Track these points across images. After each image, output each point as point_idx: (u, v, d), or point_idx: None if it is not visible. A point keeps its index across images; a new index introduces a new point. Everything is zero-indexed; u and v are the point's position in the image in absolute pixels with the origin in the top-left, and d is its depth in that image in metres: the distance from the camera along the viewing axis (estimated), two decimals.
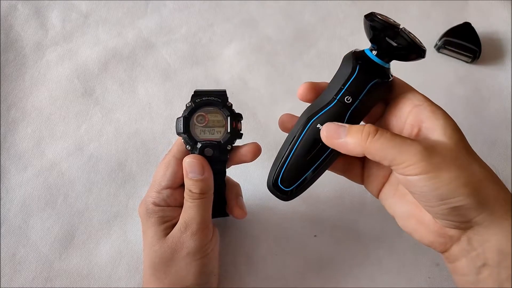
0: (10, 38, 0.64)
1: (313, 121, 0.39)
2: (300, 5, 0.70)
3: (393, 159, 0.34)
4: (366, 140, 0.35)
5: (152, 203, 0.44)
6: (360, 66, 0.38)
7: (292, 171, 0.40)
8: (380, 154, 0.35)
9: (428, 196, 0.34)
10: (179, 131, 0.45)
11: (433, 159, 0.33)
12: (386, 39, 0.37)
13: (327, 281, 0.53)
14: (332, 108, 0.39)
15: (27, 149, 0.58)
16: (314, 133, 0.39)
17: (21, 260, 0.52)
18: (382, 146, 0.35)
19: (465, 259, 0.36)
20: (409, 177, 0.34)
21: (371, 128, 0.35)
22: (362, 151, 0.36)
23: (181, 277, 0.43)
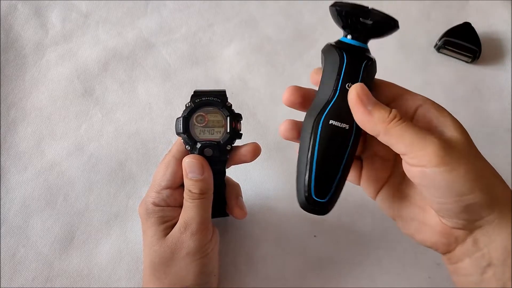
0: (10, 38, 0.64)
1: (323, 119, 0.37)
2: (300, 5, 0.70)
3: (411, 144, 0.33)
4: (391, 121, 0.34)
5: (152, 203, 0.44)
6: (345, 52, 0.37)
7: (322, 179, 0.37)
8: (399, 138, 0.34)
9: (443, 190, 0.33)
10: (178, 131, 0.45)
11: (452, 152, 0.33)
12: (361, 20, 0.37)
13: (327, 281, 0.53)
14: (338, 99, 0.37)
15: (27, 149, 0.58)
16: (331, 131, 0.37)
17: (21, 260, 0.52)
18: (403, 131, 0.34)
19: (468, 259, 0.36)
20: (426, 169, 0.33)
21: (397, 112, 0.34)
22: (382, 130, 0.34)
23: (181, 277, 0.43)
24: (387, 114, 0.34)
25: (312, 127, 0.37)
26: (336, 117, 0.37)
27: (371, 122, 0.35)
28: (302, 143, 0.38)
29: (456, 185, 0.33)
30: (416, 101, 0.37)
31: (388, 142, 0.35)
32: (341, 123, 0.37)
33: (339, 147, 0.37)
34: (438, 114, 0.36)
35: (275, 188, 0.57)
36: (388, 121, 0.34)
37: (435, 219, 0.37)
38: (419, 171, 0.34)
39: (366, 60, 0.38)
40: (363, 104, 0.35)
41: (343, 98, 0.37)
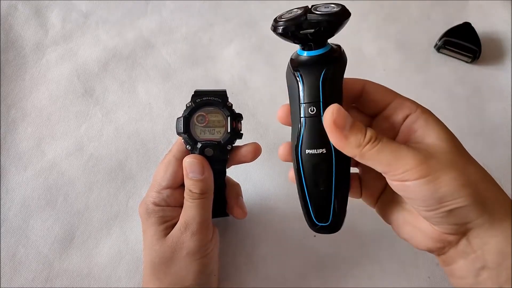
0: (10, 38, 0.64)
1: (300, 150, 0.37)
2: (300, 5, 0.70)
3: (388, 164, 0.34)
4: (365, 145, 0.34)
5: (152, 203, 0.44)
6: (301, 70, 0.36)
7: (318, 206, 0.38)
8: (375, 161, 0.34)
9: (428, 200, 0.34)
10: (179, 131, 0.45)
11: (430, 162, 0.33)
12: (302, 33, 0.35)
13: (327, 281, 0.53)
14: (306, 128, 0.36)
15: (27, 149, 0.58)
16: (310, 160, 0.37)
17: (21, 260, 0.52)
18: (378, 152, 0.34)
19: (463, 261, 0.36)
20: (407, 183, 0.33)
21: (372, 133, 0.34)
22: (357, 154, 0.34)
23: (181, 277, 0.43)
24: (362, 137, 0.34)
25: (294, 160, 0.38)
26: (310, 146, 0.37)
27: (347, 146, 0.35)
28: (295, 175, 0.39)
29: (439, 193, 0.33)
30: (404, 111, 0.37)
31: (366, 163, 0.35)
32: (317, 150, 0.37)
33: (323, 172, 0.37)
34: (424, 123, 0.36)
35: (275, 188, 0.57)
36: (363, 145, 0.34)
37: (426, 225, 0.37)
38: (401, 185, 0.34)
39: (326, 68, 0.36)
40: (339, 129, 0.34)
41: (311, 124, 0.36)
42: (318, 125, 0.36)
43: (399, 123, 0.37)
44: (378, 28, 0.69)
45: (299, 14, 0.35)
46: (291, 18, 0.35)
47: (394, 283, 0.53)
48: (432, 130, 0.35)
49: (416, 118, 0.36)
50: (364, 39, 0.68)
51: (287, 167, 0.58)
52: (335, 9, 0.36)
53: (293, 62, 0.37)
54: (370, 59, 0.66)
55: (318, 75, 0.36)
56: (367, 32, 0.69)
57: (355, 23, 0.69)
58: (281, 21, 0.36)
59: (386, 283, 0.53)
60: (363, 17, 0.70)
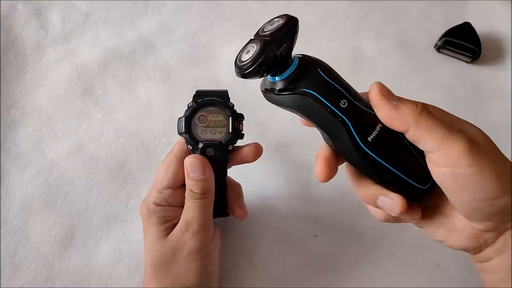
0: (10, 38, 0.64)
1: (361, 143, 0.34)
2: (300, 5, 0.70)
3: (442, 140, 0.32)
4: (421, 113, 0.32)
5: (153, 202, 0.44)
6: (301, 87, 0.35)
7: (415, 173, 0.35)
8: (430, 132, 0.32)
9: (477, 193, 0.32)
10: (180, 131, 0.45)
11: (480, 151, 0.31)
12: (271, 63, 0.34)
13: (327, 281, 0.53)
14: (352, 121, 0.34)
15: (27, 149, 0.58)
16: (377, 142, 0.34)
17: (21, 260, 0.52)
18: (435, 124, 0.32)
19: (498, 258, 0.35)
20: (457, 170, 0.32)
21: (425, 105, 0.33)
22: (413, 123, 0.32)
23: (181, 277, 0.43)
24: (415, 105, 0.33)
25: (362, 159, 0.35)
26: (367, 131, 0.34)
27: (399, 117, 0.33)
28: (373, 173, 0.36)
29: (489, 187, 0.31)
30: None
31: (418, 137, 0.33)
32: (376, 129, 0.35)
33: (394, 141, 0.35)
34: (453, 118, 0.35)
35: (275, 188, 0.57)
36: (418, 112, 0.33)
37: (462, 224, 0.36)
38: (450, 172, 0.32)
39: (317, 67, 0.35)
40: (388, 99, 0.33)
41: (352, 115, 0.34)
42: (358, 110, 0.34)
43: None
44: (378, 28, 0.69)
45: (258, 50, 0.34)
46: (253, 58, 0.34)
47: (394, 283, 0.53)
48: (467, 123, 0.35)
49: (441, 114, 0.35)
50: (364, 39, 0.68)
51: (287, 167, 0.58)
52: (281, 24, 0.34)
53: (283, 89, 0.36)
54: (370, 59, 0.66)
55: (319, 76, 0.34)
56: (367, 32, 0.69)
57: (355, 23, 0.69)
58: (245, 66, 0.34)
59: (386, 283, 0.53)
60: (363, 17, 0.70)
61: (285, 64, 0.35)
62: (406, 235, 0.55)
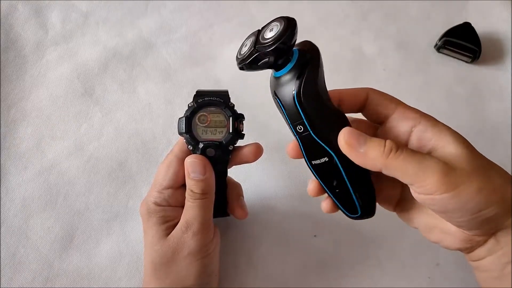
0: (10, 38, 0.64)
1: (308, 163, 0.39)
2: (300, 5, 0.70)
3: (414, 175, 0.33)
4: (388, 155, 0.34)
5: (153, 202, 0.44)
6: (277, 96, 0.37)
7: (345, 203, 0.40)
8: (401, 171, 0.34)
9: (458, 212, 0.34)
10: (181, 131, 0.45)
11: (454, 173, 0.32)
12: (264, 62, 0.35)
13: (327, 281, 0.53)
14: (303, 144, 0.38)
15: (27, 149, 0.58)
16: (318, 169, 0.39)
17: (21, 260, 0.52)
18: (404, 162, 0.33)
19: (490, 257, 0.36)
20: (435, 197, 0.33)
21: (392, 143, 0.34)
22: (381, 167, 0.34)
23: (182, 277, 0.43)
24: (382, 148, 0.34)
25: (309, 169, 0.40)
26: (312, 157, 0.39)
27: (369, 162, 0.35)
28: None
29: (469, 205, 0.33)
30: (409, 122, 0.37)
31: (390, 175, 0.35)
32: (320, 159, 0.38)
33: (334, 175, 0.39)
34: (435, 132, 0.36)
35: (275, 188, 0.57)
36: (385, 155, 0.34)
37: (454, 229, 0.37)
38: (429, 198, 0.34)
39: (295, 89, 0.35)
40: (355, 149, 0.35)
41: (305, 141, 0.38)
42: (311, 139, 0.37)
43: (405, 133, 0.37)
44: (378, 28, 0.69)
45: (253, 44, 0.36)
46: (249, 53, 0.36)
47: (394, 283, 0.53)
48: (447, 138, 0.35)
49: (425, 128, 0.36)
50: (364, 39, 0.68)
51: (287, 167, 0.58)
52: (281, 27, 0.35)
53: (271, 86, 0.38)
54: (370, 59, 0.67)
55: (290, 96, 0.36)
56: (367, 32, 0.69)
57: (355, 23, 0.69)
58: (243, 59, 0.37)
59: (386, 283, 0.53)
60: (363, 17, 0.70)
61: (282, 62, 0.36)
62: (406, 235, 0.54)
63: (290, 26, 0.34)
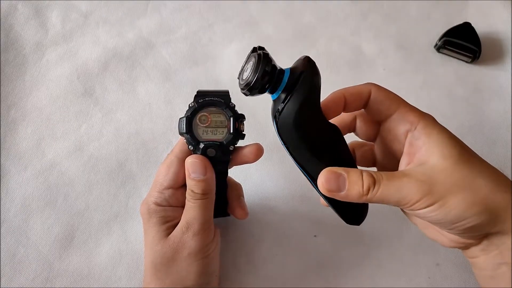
0: (10, 38, 0.64)
1: None
2: (300, 5, 0.70)
3: (397, 201, 0.35)
4: (367, 193, 0.36)
5: (153, 203, 0.44)
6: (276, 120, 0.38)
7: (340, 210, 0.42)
8: (383, 200, 0.36)
9: (442, 222, 0.35)
10: (181, 131, 0.45)
11: (435, 188, 0.34)
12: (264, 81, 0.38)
13: (327, 281, 0.53)
14: None
15: (27, 149, 0.58)
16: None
17: (21, 260, 0.52)
18: (383, 194, 0.35)
19: (485, 256, 0.38)
20: (419, 212, 0.35)
21: (369, 179, 0.36)
22: (365, 201, 0.36)
23: (182, 277, 0.43)
24: (361, 188, 0.36)
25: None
26: None
27: (351, 200, 0.37)
28: None
29: (450, 216, 0.34)
30: (406, 125, 0.38)
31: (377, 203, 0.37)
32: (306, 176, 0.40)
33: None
34: (426, 142, 0.37)
35: (275, 188, 0.57)
36: (365, 194, 0.36)
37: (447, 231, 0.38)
38: (415, 213, 0.36)
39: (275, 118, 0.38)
40: (336, 194, 0.37)
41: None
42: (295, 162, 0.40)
43: (402, 136, 0.39)
44: (378, 28, 0.69)
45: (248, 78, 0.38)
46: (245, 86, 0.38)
47: (394, 283, 0.53)
48: (436, 147, 0.36)
49: (419, 135, 0.37)
50: (364, 39, 0.68)
51: (287, 167, 0.58)
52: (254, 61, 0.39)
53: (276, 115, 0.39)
54: (370, 59, 0.67)
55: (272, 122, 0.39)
56: (367, 32, 0.69)
57: (355, 23, 0.69)
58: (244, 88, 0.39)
59: (386, 283, 0.53)
60: (363, 17, 0.70)
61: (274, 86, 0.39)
62: (406, 235, 0.55)
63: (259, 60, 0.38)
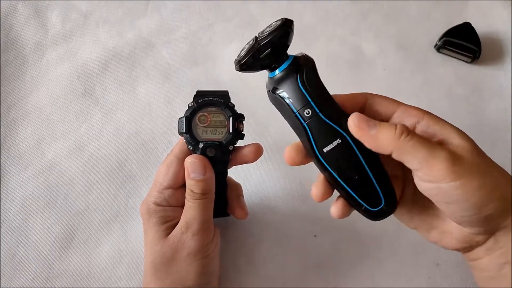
0: (10, 38, 0.64)
1: (318, 152, 0.37)
2: (300, 5, 0.70)
3: (424, 160, 0.33)
4: (399, 138, 0.34)
5: (153, 202, 0.44)
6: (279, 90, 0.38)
7: (366, 195, 0.37)
8: (411, 154, 0.34)
9: (461, 205, 0.34)
10: (181, 131, 0.45)
11: (462, 164, 0.33)
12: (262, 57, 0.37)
13: (327, 281, 0.53)
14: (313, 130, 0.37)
15: (27, 149, 0.58)
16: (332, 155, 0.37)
17: (21, 260, 0.52)
18: (415, 146, 0.33)
19: (488, 257, 0.37)
20: (441, 185, 0.33)
21: (403, 127, 0.34)
22: (393, 149, 0.34)
23: (182, 277, 0.43)
24: (393, 131, 0.34)
25: (320, 166, 0.38)
26: (324, 143, 0.37)
27: (381, 144, 0.35)
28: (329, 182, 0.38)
29: (473, 199, 0.33)
30: (412, 118, 0.37)
31: (401, 159, 0.35)
32: (332, 143, 0.37)
33: (350, 159, 0.37)
34: (439, 127, 0.36)
35: (275, 188, 0.57)
36: (397, 138, 0.34)
37: (454, 227, 0.37)
38: (434, 187, 0.34)
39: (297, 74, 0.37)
40: (366, 131, 0.35)
41: (314, 125, 0.37)
42: (320, 122, 0.37)
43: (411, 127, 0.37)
44: (378, 28, 0.69)
45: (251, 44, 0.38)
46: (246, 52, 0.38)
47: (394, 283, 0.53)
48: (452, 133, 0.35)
49: (428, 123, 0.36)
50: (364, 39, 0.68)
51: (287, 167, 0.58)
52: (277, 23, 0.38)
53: (270, 87, 0.39)
54: (370, 59, 0.66)
55: (295, 82, 0.37)
56: (367, 32, 0.69)
57: (355, 23, 0.69)
58: (240, 59, 0.38)
59: (386, 283, 0.53)
60: (363, 17, 0.70)
61: (278, 61, 0.38)
62: (406, 235, 0.54)
63: (286, 21, 0.38)
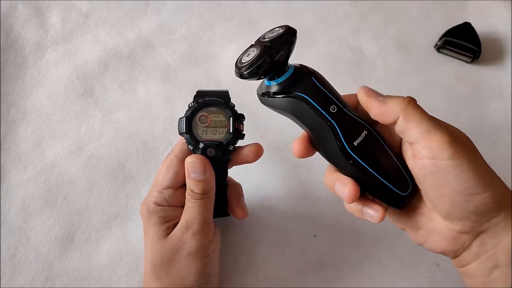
0: (10, 38, 0.64)
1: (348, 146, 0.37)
2: (300, 5, 0.70)
3: (426, 132, 0.34)
4: (407, 104, 0.35)
5: (153, 202, 0.44)
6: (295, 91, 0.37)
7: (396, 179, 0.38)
8: (417, 123, 0.34)
9: (456, 186, 0.34)
10: (181, 131, 0.45)
11: (462, 145, 0.33)
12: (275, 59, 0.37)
13: (327, 281, 0.53)
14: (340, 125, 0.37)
15: (27, 149, 0.58)
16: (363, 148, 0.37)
17: (21, 260, 0.52)
18: (421, 115, 0.35)
19: (476, 262, 0.36)
20: (439, 161, 0.33)
21: (411, 97, 0.35)
22: (401, 114, 0.35)
23: (182, 277, 0.43)
24: (402, 99, 0.35)
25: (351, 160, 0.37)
26: (354, 136, 0.37)
27: (388, 110, 0.36)
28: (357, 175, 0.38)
29: (468, 182, 0.33)
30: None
31: (404, 127, 0.35)
32: (361, 135, 0.37)
33: (378, 148, 0.38)
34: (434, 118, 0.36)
35: (275, 188, 0.57)
36: (405, 103, 0.35)
37: (441, 226, 0.37)
38: (431, 164, 0.34)
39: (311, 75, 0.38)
40: (374, 97, 0.37)
41: (341, 120, 0.37)
42: (346, 116, 0.37)
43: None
44: (378, 28, 0.69)
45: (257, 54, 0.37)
46: (252, 60, 0.37)
47: (394, 283, 0.53)
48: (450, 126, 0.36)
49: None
50: (364, 39, 0.68)
51: (287, 167, 0.58)
52: (281, 32, 0.38)
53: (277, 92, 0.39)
54: (370, 59, 0.67)
55: (312, 82, 0.37)
56: (367, 32, 0.69)
57: (355, 23, 0.69)
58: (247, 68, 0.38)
59: (386, 283, 0.53)
60: (363, 17, 0.70)
61: (281, 69, 0.38)
62: (406, 235, 0.54)
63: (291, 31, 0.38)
